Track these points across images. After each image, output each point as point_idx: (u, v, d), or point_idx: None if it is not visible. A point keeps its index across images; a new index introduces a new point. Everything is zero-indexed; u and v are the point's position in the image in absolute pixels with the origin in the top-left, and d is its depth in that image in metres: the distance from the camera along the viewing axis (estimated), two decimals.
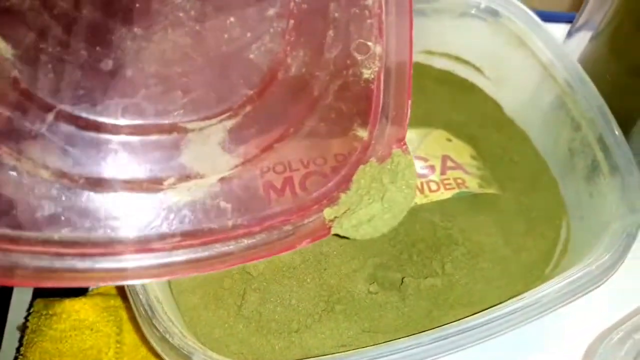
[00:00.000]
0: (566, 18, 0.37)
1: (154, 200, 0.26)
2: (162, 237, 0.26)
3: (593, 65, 0.34)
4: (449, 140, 0.35)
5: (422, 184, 0.32)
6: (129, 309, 0.31)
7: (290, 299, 0.30)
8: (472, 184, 0.33)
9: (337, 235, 0.29)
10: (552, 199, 0.34)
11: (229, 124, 0.27)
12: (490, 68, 0.36)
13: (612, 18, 0.32)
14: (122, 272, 0.26)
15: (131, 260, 0.26)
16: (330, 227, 0.29)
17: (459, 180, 0.33)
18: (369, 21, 0.30)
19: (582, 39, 0.34)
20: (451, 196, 0.32)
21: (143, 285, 0.26)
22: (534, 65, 0.34)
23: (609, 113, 0.31)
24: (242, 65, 0.28)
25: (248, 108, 0.28)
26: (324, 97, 0.29)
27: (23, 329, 0.31)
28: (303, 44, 0.29)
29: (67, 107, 0.25)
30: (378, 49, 0.30)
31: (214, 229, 0.27)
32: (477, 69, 0.36)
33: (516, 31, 0.34)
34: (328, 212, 0.30)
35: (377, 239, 0.31)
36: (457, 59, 0.37)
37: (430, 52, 0.36)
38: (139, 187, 0.26)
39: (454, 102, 0.36)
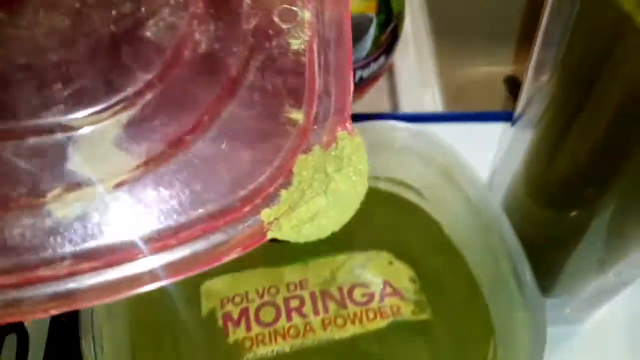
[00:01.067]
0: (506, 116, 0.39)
1: (34, 217, 0.21)
2: (50, 262, 0.21)
3: (517, 192, 0.36)
4: (391, 263, 0.35)
5: (360, 312, 0.33)
6: None
7: None
8: (407, 311, 0.33)
9: (274, 240, 0.24)
10: (482, 323, 0.34)
11: (125, 116, 0.22)
12: (428, 193, 0.38)
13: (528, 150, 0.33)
14: (10, 307, 0.21)
15: (16, 293, 0.21)
16: (267, 231, 0.24)
17: (395, 308, 0.33)
18: None
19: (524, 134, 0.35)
20: (387, 324, 0.33)
21: None
22: (461, 198, 0.36)
23: (522, 252, 0.33)
24: (137, 46, 0.23)
25: (148, 96, 0.23)
26: (244, 76, 0.24)
27: None
28: (214, 15, 0.24)
29: None
30: (307, 15, 0.25)
31: (115, 245, 0.22)
32: (418, 193, 0.38)
33: (445, 167, 0.36)
34: (267, 214, 0.25)
35: None
36: (401, 183, 0.38)
37: (376, 178, 0.38)
38: (15, 203, 0.21)
39: (398, 223, 0.37)
